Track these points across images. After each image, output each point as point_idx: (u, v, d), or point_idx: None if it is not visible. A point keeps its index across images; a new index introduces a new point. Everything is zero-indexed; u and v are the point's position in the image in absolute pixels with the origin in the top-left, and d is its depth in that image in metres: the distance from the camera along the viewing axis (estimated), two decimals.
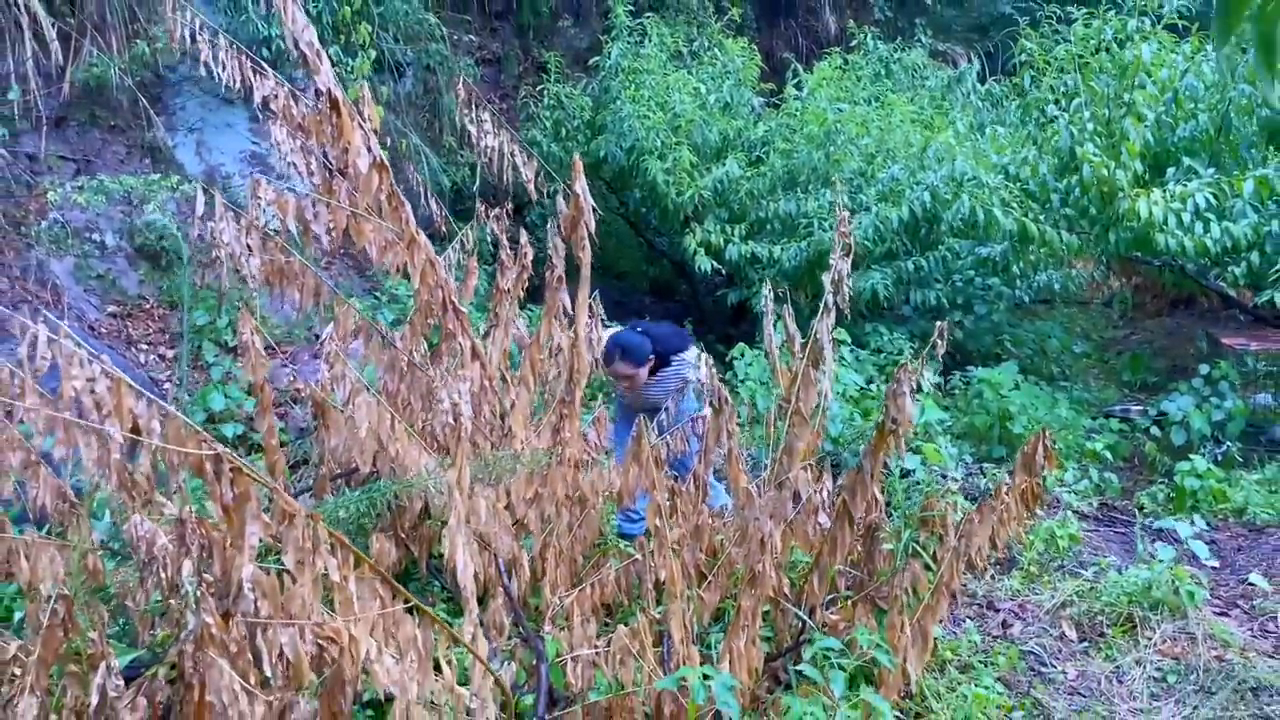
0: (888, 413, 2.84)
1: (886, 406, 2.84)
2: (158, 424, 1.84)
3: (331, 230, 2.76)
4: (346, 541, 1.97)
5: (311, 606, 2.02)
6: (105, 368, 1.77)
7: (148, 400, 1.81)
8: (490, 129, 2.98)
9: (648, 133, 7.49)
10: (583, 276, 2.96)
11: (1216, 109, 6.09)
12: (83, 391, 1.76)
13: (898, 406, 2.84)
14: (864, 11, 12.25)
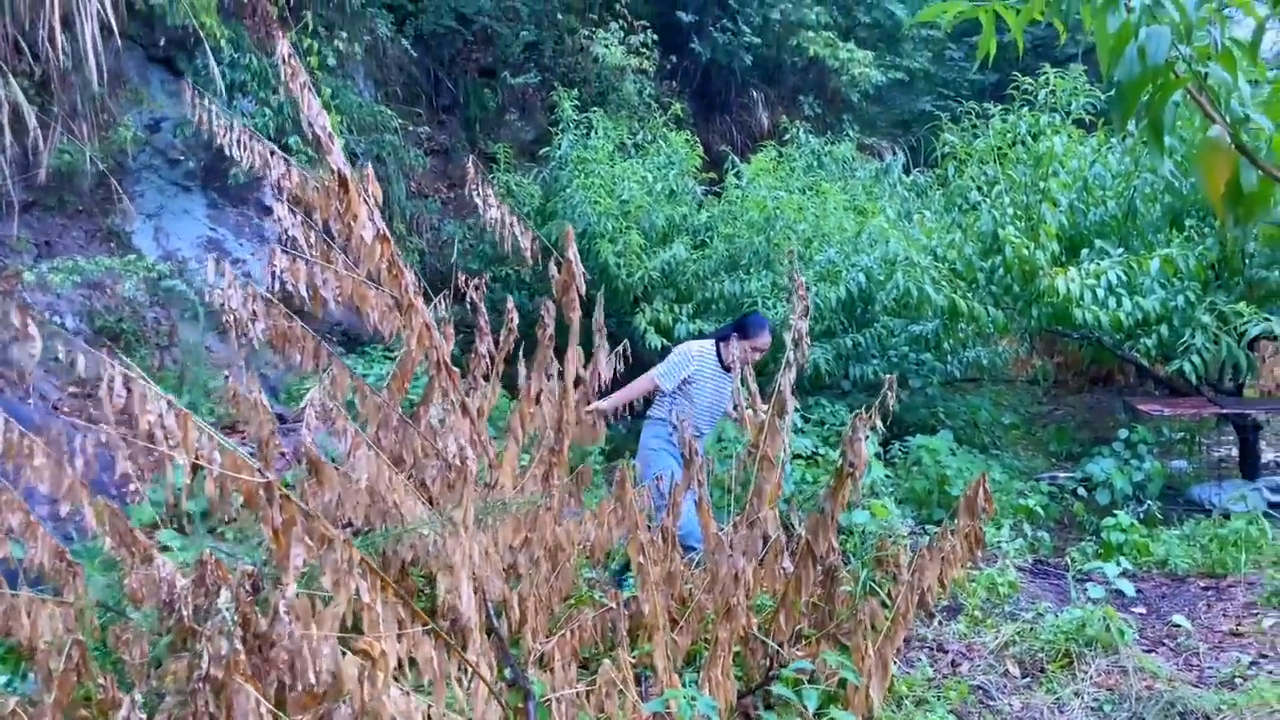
0: (845, 456, 3.14)
1: (844, 451, 3.14)
2: (217, 455, 2.05)
3: (339, 295, 3.00)
4: (375, 567, 2.18)
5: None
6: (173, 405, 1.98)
7: (208, 435, 2.03)
8: (494, 202, 3.28)
9: (599, 217, 7.87)
10: (572, 334, 3.23)
11: (1123, 196, 6.67)
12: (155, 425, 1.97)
13: (854, 451, 3.14)
14: (794, 108, 12.94)
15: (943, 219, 7.99)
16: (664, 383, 4.96)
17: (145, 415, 1.98)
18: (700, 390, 4.98)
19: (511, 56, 11.74)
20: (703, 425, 5.08)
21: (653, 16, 11.73)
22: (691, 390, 4.98)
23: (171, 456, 2.01)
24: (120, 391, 2.03)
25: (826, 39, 12.34)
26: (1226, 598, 4.79)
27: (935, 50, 14.53)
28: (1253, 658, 4.06)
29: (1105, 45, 1.93)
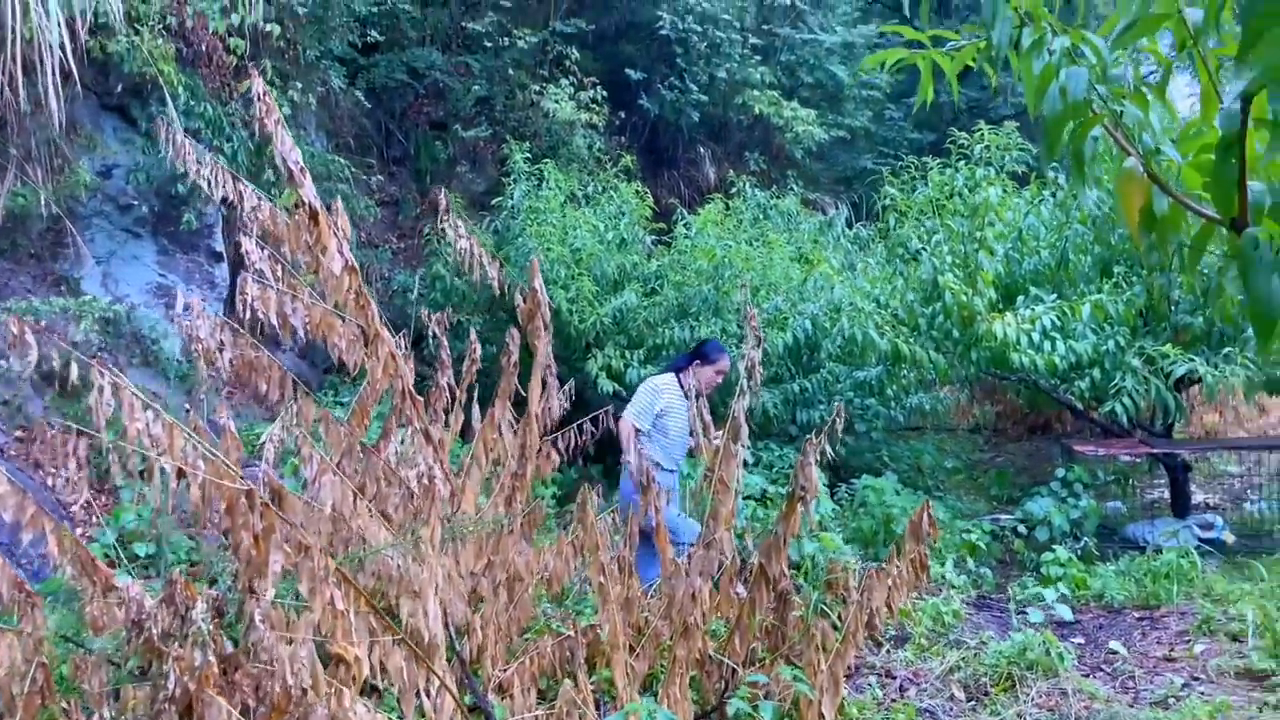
0: (796, 480, 3.27)
1: (795, 475, 3.27)
2: (201, 463, 2.12)
3: (307, 324, 3.08)
4: (350, 577, 2.24)
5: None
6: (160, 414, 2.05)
7: (194, 444, 2.09)
8: (463, 233, 3.39)
9: (551, 264, 8.02)
10: (537, 362, 3.34)
11: (1056, 246, 6.98)
12: (142, 433, 2.03)
13: (805, 475, 3.27)
14: (740, 164, 13.29)
15: (885, 269, 8.27)
16: (640, 422, 5.08)
17: (133, 423, 2.04)
18: (674, 421, 5.16)
19: (463, 110, 11.94)
20: (679, 455, 5.29)
21: (602, 73, 12.02)
22: (666, 424, 5.15)
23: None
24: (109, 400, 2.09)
25: (771, 98, 12.73)
26: (1160, 626, 4.98)
27: (875, 110, 15.04)
28: (1185, 680, 4.23)
29: (1031, 86, 2.12)
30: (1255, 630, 4.59)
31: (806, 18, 13.89)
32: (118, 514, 5.97)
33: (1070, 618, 4.92)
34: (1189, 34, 1.95)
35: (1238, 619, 4.77)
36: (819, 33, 13.71)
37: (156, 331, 7.74)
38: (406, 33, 11.72)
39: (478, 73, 12.00)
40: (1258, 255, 1.80)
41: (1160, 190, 2.03)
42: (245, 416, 8.07)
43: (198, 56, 7.99)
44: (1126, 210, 2.05)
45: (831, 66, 13.88)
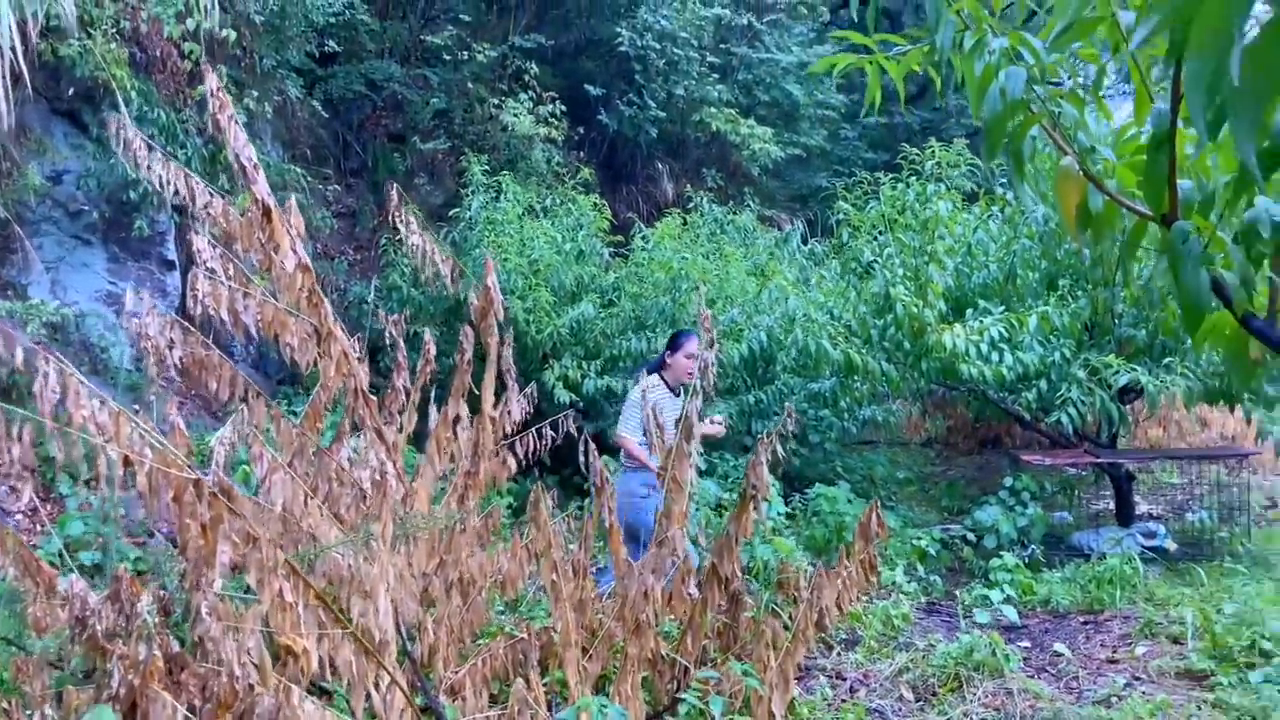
0: (748, 480, 3.32)
1: (747, 475, 3.31)
2: (149, 450, 2.10)
3: (259, 321, 3.07)
4: (298, 569, 2.24)
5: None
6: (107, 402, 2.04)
7: (140, 433, 2.08)
8: (416, 229, 3.40)
9: (509, 275, 8.03)
10: (490, 361, 3.35)
11: (1004, 261, 7.13)
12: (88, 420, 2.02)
13: (757, 475, 3.32)
14: (698, 180, 13.40)
15: (839, 283, 8.39)
16: (637, 435, 5.11)
17: (79, 410, 2.03)
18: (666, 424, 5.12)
19: (421, 123, 11.93)
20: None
21: (561, 89, 12.07)
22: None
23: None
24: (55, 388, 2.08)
25: (728, 115, 12.87)
26: (1104, 630, 5.08)
27: (831, 129, 15.25)
28: (1127, 680, 4.32)
29: (974, 87, 2.19)
30: (1194, 632, 4.71)
31: (763, 37, 14.07)
32: (63, 521, 5.87)
33: (1016, 619, 5.02)
34: (1122, 36, 2.03)
35: (1178, 622, 4.88)
36: (775, 52, 13.89)
37: (106, 340, 7.62)
38: (365, 45, 11.70)
39: (436, 86, 12.00)
40: (1186, 248, 1.87)
41: (1096, 188, 2.11)
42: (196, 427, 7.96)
43: (152, 62, 7.92)
44: (1063, 207, 2.13)
45: (788, 86, 14.07)
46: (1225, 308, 2.00)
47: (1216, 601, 4.99)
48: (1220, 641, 4.44)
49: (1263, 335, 1.95)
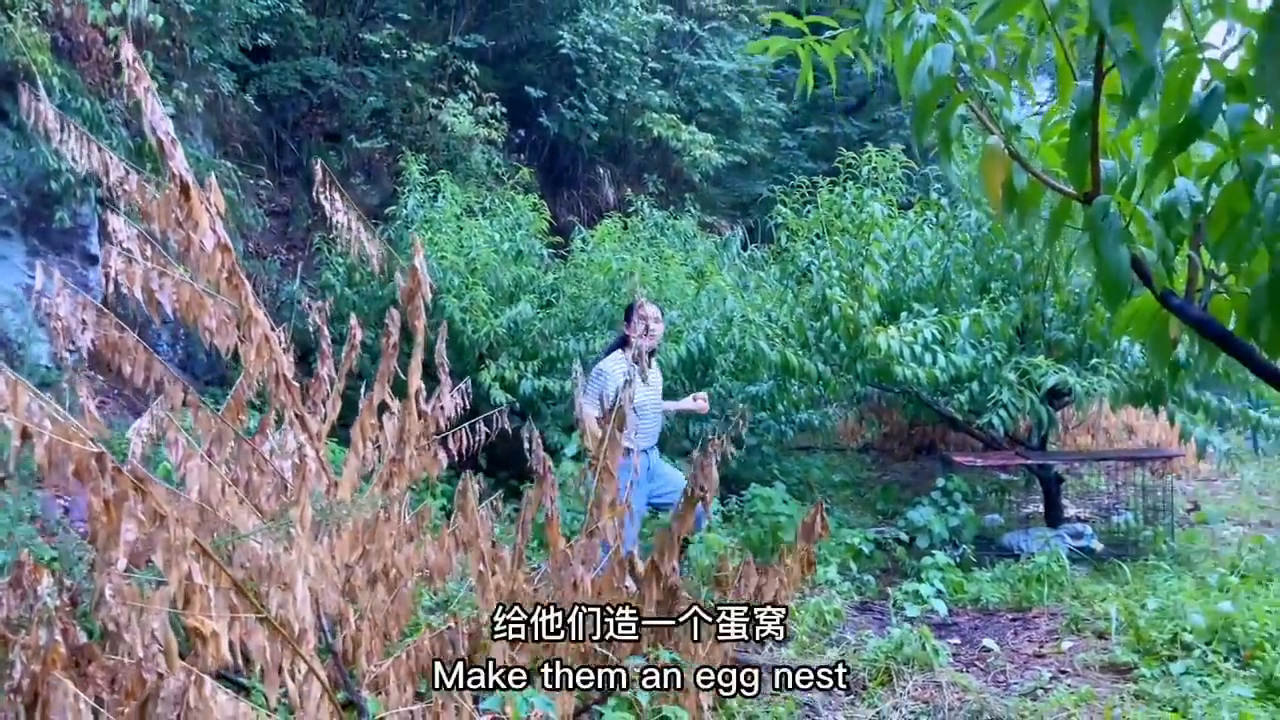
0: (695, 480, 3.29)
1: (694, 475, 3.29)
2: (48, 422, 2.00)
3: (175, 301, 2.96)
4: (209, 549, 2.15)
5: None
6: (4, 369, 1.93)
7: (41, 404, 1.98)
8: (341, 207, 3.31)
9: (445, 273, 7.92)
10: (416, 343, 3.27)
11: (938, 265, 7.22)
12: None
13: (705, 475, 3.29)
14: (639, 185, 13.40)
15: (778, 287, 8.43)
16: (587, 405, 4.96)
17: None
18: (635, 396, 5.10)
19: (358, 121, 11.77)
20: (647, 429, 5.30)
21: (502, 91, 12.00)
22: None
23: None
24: None
25: (670, 121, 12.89)
26: (1032, 626, 5.14)
27: (771, 138, 15.37)
28: (1053, 674, 4.38)
29: (902, 66, 2.19)
30: (1119, 627, 4.78)
31: (705, 44, 14.14)
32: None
33: (945, 612, 5.08)
34: (1047, 16, 2.04)
35: (1103, 617, 4.96)
36: (717, 59, 13.96)
37: (23, 335, 7.36)
38: (301, 41, 11.51)
39: (374, 84, 11.85)
40: (1107, 223, 1.88)
41: (1020, 167, 2.11)
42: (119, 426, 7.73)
43: (76, 49, 7.69)
44: (989, 185, 2.13)
45: (729, 93, 14.14)
46: (1145, 285, 2.02)
47: (1140, 598, 5.07)
48: (1143, 635, 4.52)
49: (1181, 312, 1.97)
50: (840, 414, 10.26)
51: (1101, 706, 3.89)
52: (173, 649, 2.10)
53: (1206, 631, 4.36)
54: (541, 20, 12.84)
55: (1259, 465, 9.56)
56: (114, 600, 2.07)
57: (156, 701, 2.06)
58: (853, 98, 16.85)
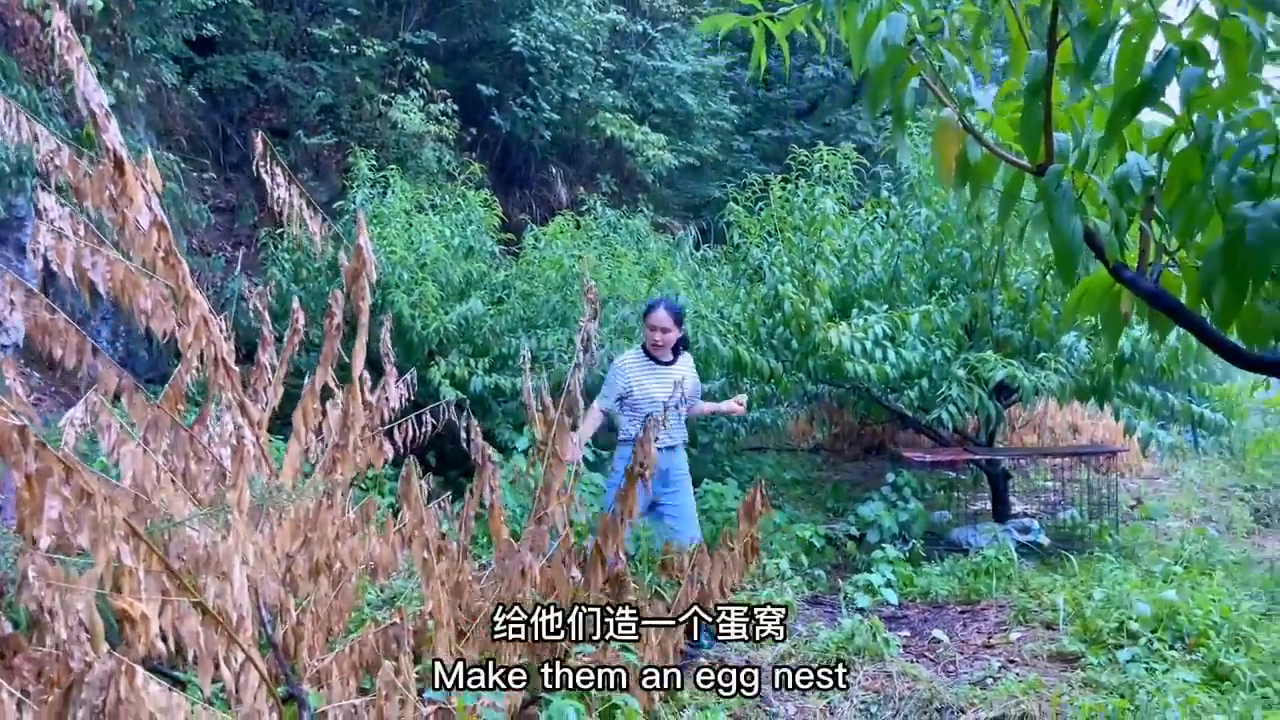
0: (636, 458, 3.24)
1: (635, 452, 3.24)
2: None
3: (109, 281, 2.86)
4: (139, 530, 2.06)
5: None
6: None
7: None
8: (283, 181, 3.22)
9: (394, 268, 7.80)
10: (360, 325, 3.19)
11: (888, 263, 7.27)
12: None
13: (644, 452, 3.25)
14: (592, 185, 13.35)
15: (730, 286, 8.43)
16: (601, 402, 4.93)
17: None
18: (646, 395, 4.91)
19: (306, 117, 11.58)
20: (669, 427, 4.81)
21: (454, 89, 11.89)
22: (635, 399, 4.92)
23: None
24: None
25: (623, 121, 12.86)
26: (981, 618, 5.17)
27: (724, 139, 15.40)
28: (1002, 663, 4.40)
29: (856, 39, 2.17)
30: (1066, 617, 4.82)
31: (658, 45, 14.13)
32: None
33: (896, 601, 5.11)
34: None
35: (1050, 608, 5.00)
36: (670, 60, 13.96)
37: None
38: (248, 35, 11.29)
39: (323, 80, 11.66)
40: (1060, 192, 1.87)
41: (974, 140, 2.10)
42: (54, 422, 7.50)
43: (11, 34, 7.47)
44: (942, 159, 2.12)
45: (682, 94, 14.15)
46: (1098, 258, 2.01)
47: (1087, 589, 5.12)
48: (1090, 625, 4.56)
49: (1133, 285, 1.97)
50: (791, 413, 10.30)
51: (1050, 694, 3.91)
52: (99, 632, 2.00)
53: (1152, 620, 4.42)
54: (494, 18, 12.75)
55: (1199, 463, 9.75)
56: (38, 581, 1.97)
57: (81, 687, 1.97)
58: (804, 101, 16.96)
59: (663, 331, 4.91)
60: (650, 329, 4.97)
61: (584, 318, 3.51)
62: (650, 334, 4.97)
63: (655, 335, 4.94)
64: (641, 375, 4.94)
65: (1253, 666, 3.97)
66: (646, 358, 5.02)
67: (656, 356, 5.00)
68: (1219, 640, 4.16)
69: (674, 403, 4.68)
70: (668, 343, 4.94)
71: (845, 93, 17.29)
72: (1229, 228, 1.55)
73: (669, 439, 4.81)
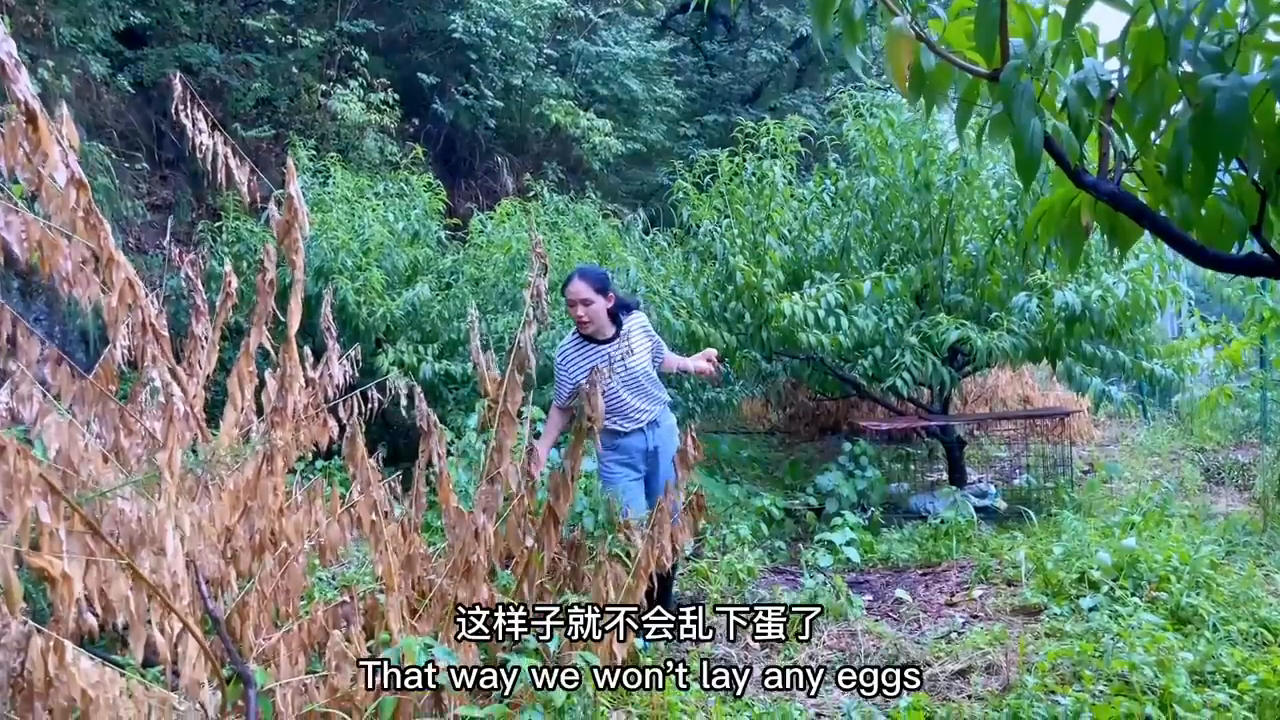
0: (583, 412, 3.14)
1: (582, 407, 3.14)
2: None
3: (25, 240, 2.69)
4: (58, 487, 1.92)
5: None
6: None
7: None
8: (204, 127, 3.07)
9: (336, 253, 7.63)
10: (295, 279, 3.06)
11: (838, 234, 7.24)
12: None
13: (591, 405, 3.15)
14: (538, 173, 13.20)
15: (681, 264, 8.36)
16: (559, 402, 4.42)
17: None
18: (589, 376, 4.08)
19: (243, 110, 11.30)
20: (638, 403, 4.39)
21: (395, 80, 11.68)
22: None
23: None
24: None
25: (567, 108, 12.73)
26: (943, 579, 5.15)
27: (670, 126, 15.33)
28: (965, 619, 4.37)
29: None
30: (1027, 572, 4.81)
31: (600, 31, 14.03)
32: None
33: (859, 559, 5.09)
34: None
35: (1012, 565, 4.99)
36: (614, 46, 13.87)
37: None
38: (179, 27, 11.00)
39: (259, 72, 11.39)
40: (1019, 90, 1.80)
41: (928, 48, 2.03)
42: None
43: None
44: (895, 69, 2.04)
45: (627, 80, 14.05)
46: (1057, 164, 1.95)
47: (1047, 545, 5.12)
48: (1052, 578, 4.55)
49: (1095, 189, 1.91)
50: (746, 392, 10.26)
51: (1014, 644, 3.88)
52: (14, 591, 1.86)
53: (1113, 569, 4.41)
54: (433, 6, 12.54)
55: (1149, 429, 9.88)
56: None
57: None
58: (749, 86, 16.95)
59: (584, 304, 4.27)
60: (570, 306, 4.31)
61: (533, 273, 3.40)
62: (572, 311, 4.32)
63: (578, 311, 4.29)
64: (584, 364, 4.28)
65: (1215, 608, 3.97)
66: (584, 342, 4.40)
67: (593, 336, 4.36)
68: (1180, 585, 4.16)
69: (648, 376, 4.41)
70: (594, 316, 4.28)
71: (789, 78, 17.32)
72: (1196, 101, 1.49)
73: (644, 414, 4.38)
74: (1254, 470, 7.09)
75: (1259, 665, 3.38)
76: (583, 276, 4.37)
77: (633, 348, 4.33)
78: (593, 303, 4.28)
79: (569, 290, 4.33)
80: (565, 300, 4.37)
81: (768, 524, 5.94)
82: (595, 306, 4.29)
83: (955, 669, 3.73)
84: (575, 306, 4.30)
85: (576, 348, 4.39)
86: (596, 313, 4.29)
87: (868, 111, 7.25)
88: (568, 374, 4.36)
